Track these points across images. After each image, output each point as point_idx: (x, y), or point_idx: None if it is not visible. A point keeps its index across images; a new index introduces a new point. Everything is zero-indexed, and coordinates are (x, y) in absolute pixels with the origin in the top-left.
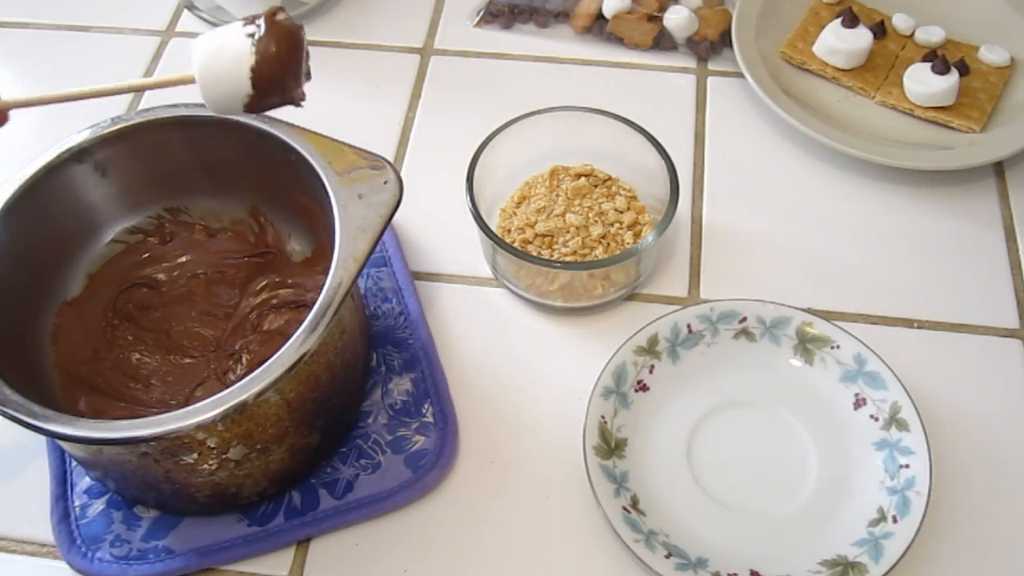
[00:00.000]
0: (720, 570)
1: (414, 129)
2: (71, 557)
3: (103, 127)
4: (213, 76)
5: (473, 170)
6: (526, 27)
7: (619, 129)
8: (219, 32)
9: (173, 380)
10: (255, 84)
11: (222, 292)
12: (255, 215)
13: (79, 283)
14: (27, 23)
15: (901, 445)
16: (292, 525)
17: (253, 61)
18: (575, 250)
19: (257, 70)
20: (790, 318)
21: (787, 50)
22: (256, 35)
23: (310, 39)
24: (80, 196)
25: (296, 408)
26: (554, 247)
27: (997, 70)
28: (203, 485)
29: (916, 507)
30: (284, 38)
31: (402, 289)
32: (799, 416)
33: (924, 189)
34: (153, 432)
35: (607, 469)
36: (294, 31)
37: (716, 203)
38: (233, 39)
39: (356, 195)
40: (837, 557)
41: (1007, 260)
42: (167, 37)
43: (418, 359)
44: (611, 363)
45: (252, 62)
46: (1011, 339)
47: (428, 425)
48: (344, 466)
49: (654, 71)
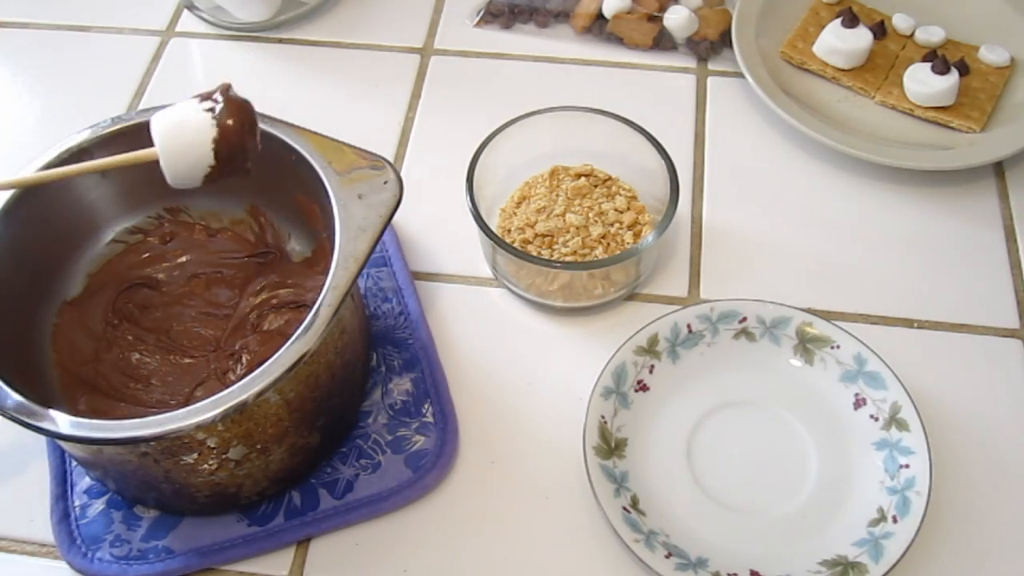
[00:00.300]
0: (720, 570)
1: (414, 129)
2: (71, 557)
3: (103, 127)
4: (177, 150)
5: (473, 170)
6: (526, 27)
7: (619, 129)
8: (176, 109)
9: (173, 380)
10: (217, 155)
11: (222, 292)
12: (255, 215)
13: (79, 283)
14: (27, 23)
15: (901, 445)
16: (292, 525)
17: (216, 133)
18: (575, 250)
19: (219, 142)
20: (790, 318)
21: (787, 50)
22: (215, 109)
23: (310, 39)
24: (80, 196)
25: (296, 408)
26: (554, 247)
27: (997, 70)
28: (203, 485)
29: (916, 507)
30: (241, 111)
31: (402, 289)
32: (799, 416)
33: (924, 189)
34: (153, 432)
35: (607, 469)
36: (248, 105)
37: (716, 203)
38: (192, 114)
39: (356, 195)
40: (837, 557)
41: (1007, 260)
42: (167, 37)
43: (418, 359)
44: (611, 363)
45: (214, 134)
46: (1011, 339)
47: (428, 425)
48: (344, 466)
49: (654, 71)
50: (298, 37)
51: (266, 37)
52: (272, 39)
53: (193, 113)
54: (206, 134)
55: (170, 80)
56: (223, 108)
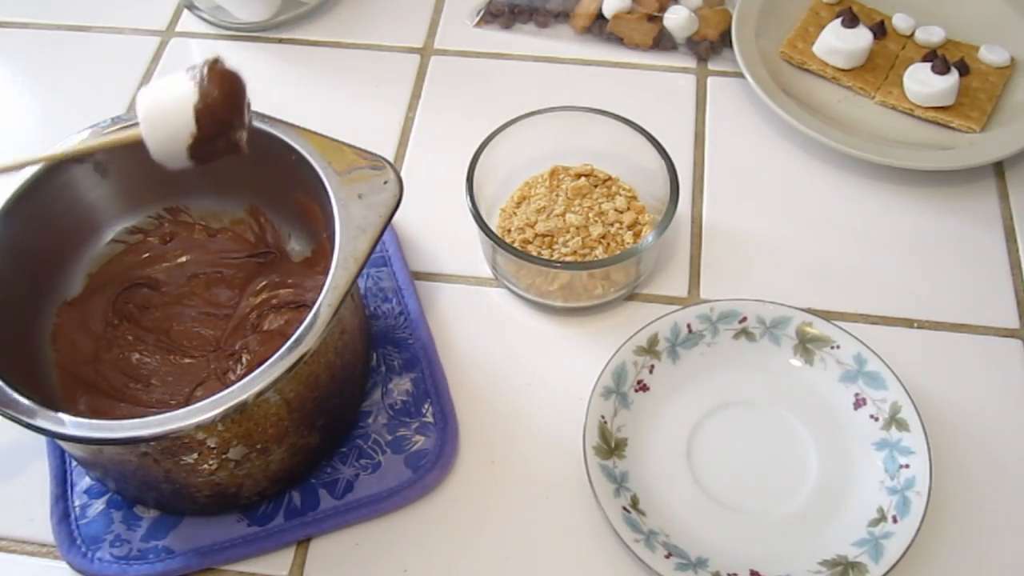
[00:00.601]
0: (720, 570)
1: (414, 129)
2: (71, 557)
3: (103, 127)
4: (157, 116)
5: (473, 170)
6: (526, 27)
7: (619, 129)
8: (162, 81)
9: (173, 380)
10: (199, 122)
11: (222, 292)
12: (255, 215)
13: (79, 283)
14: (27, 23)
15: (901, 445)
16: (292, 525)
17: (197, 100)
18: (575, 250)
19: (200, 109)
20: (790, 318)
21: (787, 50)
22: (198, 79)
23: (310, 39)
24: (80, 196)
25: (296, 408)
26: (554, 247)
27: (997, 70)
28: (203, 485)
29: (916, 507)
30: (226, 80)
31: (402, 289)
32: (799, 416)
33: (924, 189)
34: (153, 432)
35: (607, 469)
36: (234, 75)
37: (716, 203)
38: (176, 84)
39: (356, 195)
40: (837, 557)
41: (1007, 260)
42: (167, 37)
43: (418, 359)
44: (611, 363)
45: (195, 101)
46: (1011, 339)
47: (428, 425)
48: (344, 466)
49: (654, 71)
50: (298, 37)
51: (266, 37)
52: (272, 39)
53: (177, 82)
54: (187, 101)
55: None
56: (208, 76)
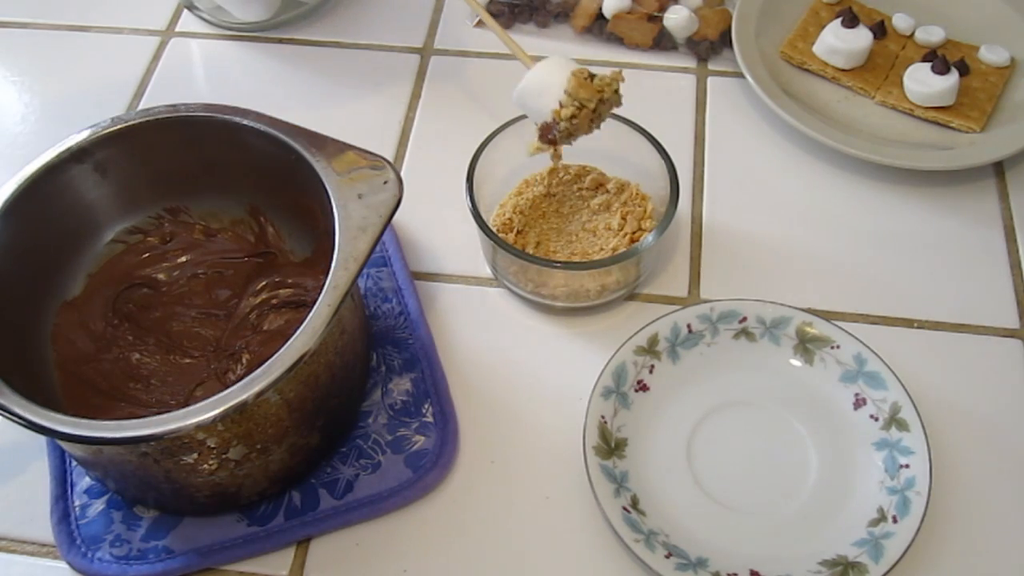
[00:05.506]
0: (720, 570)
1: (414, 129)
2: (71, 557)
3: (103, 127)
4: None
5: (473, 170)
6: (526, 27)
7: (619, 129)
8: None
9: (173, 380)
10: None
11: (222, 292)
12: (255, 215)
13: (79, 283)
14: (27, 23)
15: (901, 445)
16: (292, 525)
17: None
18: (575, 250)
19: None
20: (790, 318)
21: (787, 50)
22: None
23: (310, 39)
24: (80, 196)
25: (296, 408)
26: (554, 247)
27: (997, 70)
28: (203, 485)
29: (916, 507)
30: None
31: (402, 289)
32: (799, 416)
33: (924, 189)
34: (153, 432)
35: (607, 469)
36: None
37: (716, 203)
38: None
39: (356, 195)
40: (837, 557)
41: (1007, 260)
42: (167, 37)
43: (418, 359)
44: (611, 363)
45: None
46: (1011, 339)
47: (428, 425)
48: (344, 466)
49: (654, 71)
50: (298, 37)
51: (266, 37)
52: (272, 39)
53: None
54: None
55: (170, 80)
56: None
